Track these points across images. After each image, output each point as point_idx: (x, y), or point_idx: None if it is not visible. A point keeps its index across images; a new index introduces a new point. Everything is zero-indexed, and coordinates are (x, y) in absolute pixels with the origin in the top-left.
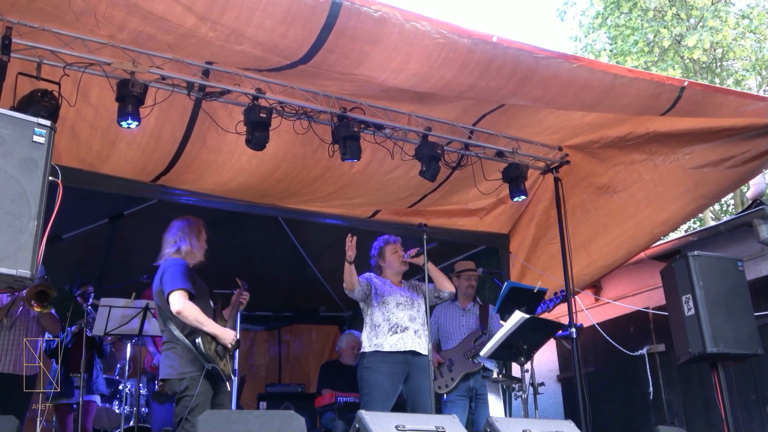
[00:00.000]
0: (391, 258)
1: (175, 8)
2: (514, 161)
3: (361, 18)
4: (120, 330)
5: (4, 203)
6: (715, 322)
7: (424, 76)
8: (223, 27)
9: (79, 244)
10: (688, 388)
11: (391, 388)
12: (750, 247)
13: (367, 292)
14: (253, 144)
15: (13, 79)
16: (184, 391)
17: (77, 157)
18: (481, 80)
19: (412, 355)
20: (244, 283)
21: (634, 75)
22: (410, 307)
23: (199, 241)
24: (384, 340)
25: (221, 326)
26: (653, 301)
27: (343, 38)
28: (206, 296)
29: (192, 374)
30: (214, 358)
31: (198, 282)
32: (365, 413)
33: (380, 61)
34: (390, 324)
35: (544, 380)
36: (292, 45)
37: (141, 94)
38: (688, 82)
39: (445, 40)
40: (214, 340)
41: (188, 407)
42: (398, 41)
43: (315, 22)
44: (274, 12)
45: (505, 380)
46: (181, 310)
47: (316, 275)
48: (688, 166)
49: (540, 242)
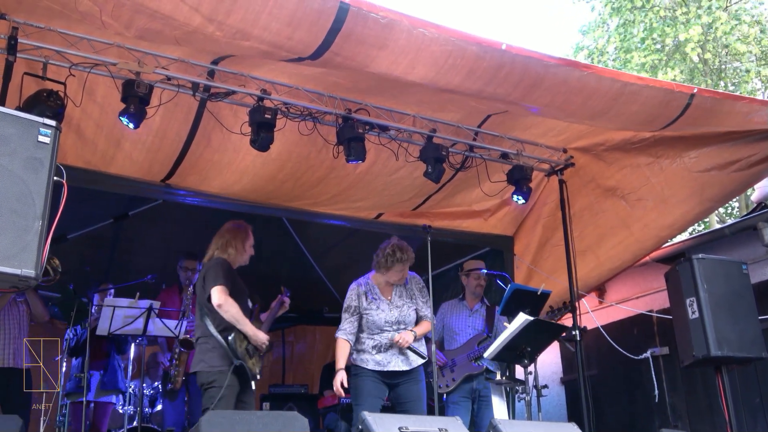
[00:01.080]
0: (393, 275)
1: (182, 8)
2: (519, 163)
3: (368, 24)
4: (123, 330)
5: (9, 202)
6: (719, 325)
7: (431, 81)
8: (229, 27)
9: (84, 244)
10: (691, 391)
11: (377, 390)
12: (754, 250)
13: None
14: (258, 145)
15: (19, 79)
16: (211, 383)
17: (82, 156)
18: (489, 86)
19: (395, 373)
20: (286, 290)
21: (644, 82)
22: (399, 322)
23: (246, 246)
24: (370, 356)
25: (255, 327)
26: (657, 303)
27: (350, 42)
28: (245, 297)
29: (221, 368)
30: (244, 356)
31: (237, 283)
32: (368, 414)
33: (386, 65)
34: (374, 342)
35: (547, 382)
36: (297, 46)
37: (146, 95)
38: (698, 89)
39: (452, 47)
40: (246, 339)
41: (214, 398)
42: (405, 47)
43: (321, 26)
44: (280, 15)
45: (509, 382)
46: (222, 303)
47: (320, 276)
48: (694, 169)
49: (547, 245)
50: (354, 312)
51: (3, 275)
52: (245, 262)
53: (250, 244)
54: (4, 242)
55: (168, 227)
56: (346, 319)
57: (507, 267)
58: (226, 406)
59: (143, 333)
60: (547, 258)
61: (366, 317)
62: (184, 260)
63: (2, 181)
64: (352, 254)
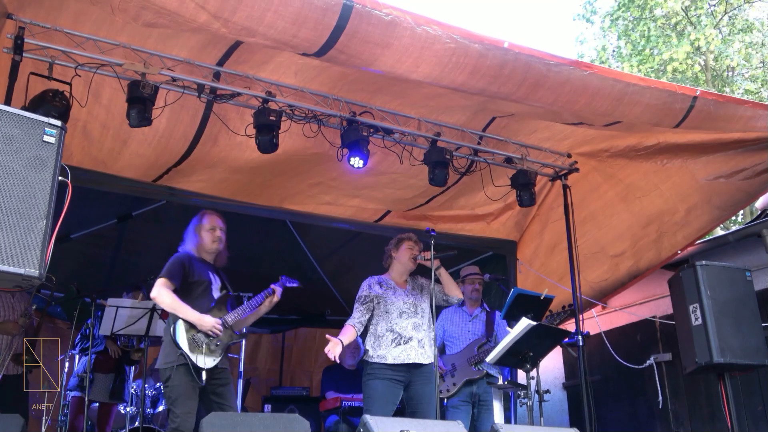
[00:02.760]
0: (404, 252)
1: (188, 5)
2: (523, 168)
3: (372, 21)
4: (126, 330)
5: (12, 202)
6: (722, 332)
7: (435, 79)
8: (234, 24)
9: (88, 244)
10: (694, 397)
11: (392, 395)
12: (758, 257)
13: (372, 308)
14: (263, 147)
15: (24, 78)
16: (166, 381)
17: (89, 155)
18: (492, 85)
19: (415, 366)
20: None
21: (647, 83)
22: (414, 314)
23: (201, 233)
24: (387, 351)
25: (204, 314)
26: (660, 310)
27: (354, 40)
28: (206, 287)
29: (172, 364)
30: (188, 347)
31: (195, 273)
32: (370, 417)
33: (391, 63)
34: (393, 335)
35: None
36: (302, 44)
37: (151, 96)
38: (701, 91)
39: (455, 44)
40: (192, 328)
41: (171, 398)
42: (409, 45)
43: (326, 23)
44: (285, 14)
45: (510, 387)
46: (155, 295)
47: (322, 278)
48: (700, 177)
49: (555, 249)
50: (365, 301)
51: (6, 274)
52: (211, 248)
53: (207, 228)
54: (7, 241)
55: (171, 228)
56: (357, 309)
57: (509, 271)
58: (192, 406)
59: (146, 333)
60: (554, 263)
61: (383, 304)
62: None
63: (6, 181)
64: (354, 257)
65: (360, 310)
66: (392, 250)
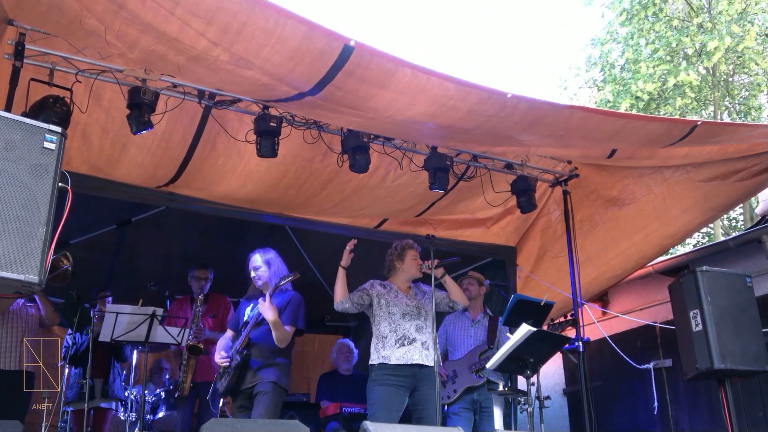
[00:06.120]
0: (410, 263)
1: (189, 31)
2: (523, 174)
3: (371, 66)
4: (126, 336)
5: (13, 208)
6: (722, 338)
7: (432, 115)
8: (233, 54)
9: (87, 249)
10: (694, 404)
11: (397, 402)
12: (759, 263)
13: (365, 303)
14: (263, 152)
15: (25, 84)
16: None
17: (88, 161)
18: (489, 123)
19: (419, 368)
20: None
21: (647, 120)
22: (417, 316)
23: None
24: (391, 352)
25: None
26: (661, 315)
27: (352, 78)
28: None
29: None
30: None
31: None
32: (370, 424)
33: (387, 101)
34: (397, 335)
35: (550, 394)
36: (299, 79)
37: (152, 102)
38: (702, 122)
39: (454, 93)
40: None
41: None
42: (406, 89)
43: (323, 63)
44: (282, 50)
45: (511, 393)
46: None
47: (321, 284)
48: (696, 179)
49: (546, 255)
50: (361, 291)
51: (7, 281)
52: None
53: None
54: (8, 248)
55: (171, 234)
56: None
57: (509, 277)
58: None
59: (146, 340)
60: (547, 268)
61: (385, 304)
62: (196, 270)
63: (7, 187)
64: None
65: (355, 294)
66: (396, 261)
